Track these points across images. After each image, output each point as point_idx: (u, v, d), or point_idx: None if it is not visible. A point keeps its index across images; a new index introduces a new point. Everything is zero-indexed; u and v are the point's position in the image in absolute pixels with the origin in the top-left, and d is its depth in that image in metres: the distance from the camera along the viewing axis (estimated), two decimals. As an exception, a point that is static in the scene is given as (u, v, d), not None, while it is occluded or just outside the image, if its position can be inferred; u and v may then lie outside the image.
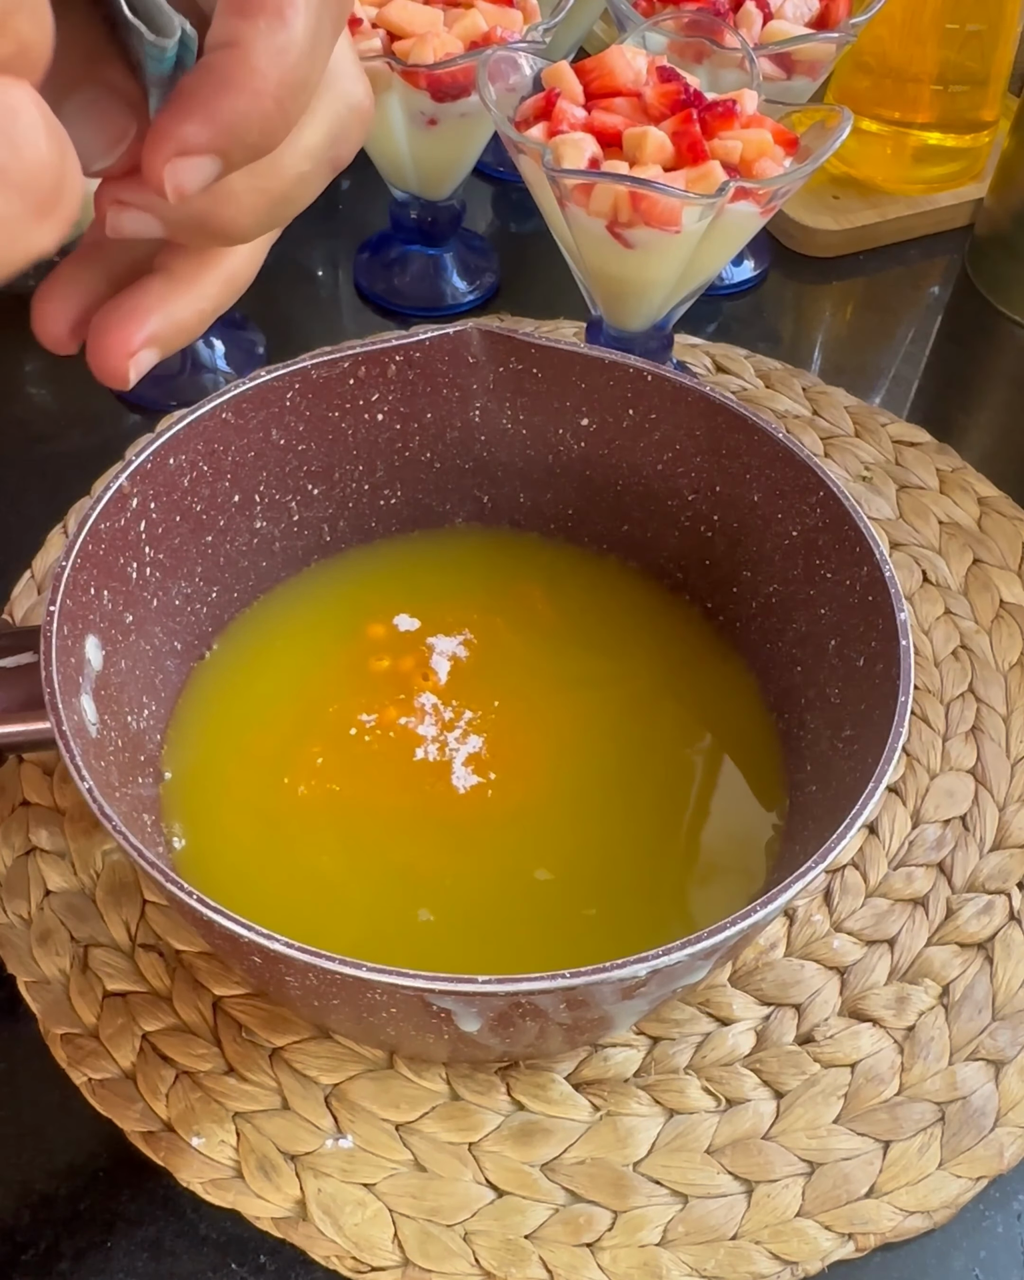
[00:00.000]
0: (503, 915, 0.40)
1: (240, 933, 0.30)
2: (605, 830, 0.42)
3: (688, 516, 0.45)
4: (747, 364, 0.61)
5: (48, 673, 0.34)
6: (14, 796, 0.45)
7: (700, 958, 0.31)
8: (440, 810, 0.41)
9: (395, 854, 0.41)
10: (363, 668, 0.45)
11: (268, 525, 0.45)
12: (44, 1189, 0.38)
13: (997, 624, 0.51)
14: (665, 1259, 0.36)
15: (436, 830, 0.41)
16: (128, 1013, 0.40)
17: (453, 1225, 0.37)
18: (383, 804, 0.42)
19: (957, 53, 0.65)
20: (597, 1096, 0.39)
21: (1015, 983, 0.42)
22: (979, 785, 0.47)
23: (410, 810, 0.41)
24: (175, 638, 0.43)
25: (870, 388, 0.63)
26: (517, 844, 0.41)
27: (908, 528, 0.55)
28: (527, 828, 0.41)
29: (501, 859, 0.41)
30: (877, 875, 0.44)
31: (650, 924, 0.40)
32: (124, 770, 0.38)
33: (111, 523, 0.39)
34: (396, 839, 0.41)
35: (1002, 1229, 0.38)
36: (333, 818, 0.41)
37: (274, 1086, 0.39)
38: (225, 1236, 0.37)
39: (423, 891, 0.40)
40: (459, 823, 0.41)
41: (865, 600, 0.38)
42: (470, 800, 0.41)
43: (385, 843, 0.41)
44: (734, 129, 0.47)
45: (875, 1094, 0.40)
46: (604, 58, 0.48)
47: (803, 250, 0.69)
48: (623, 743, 0.44)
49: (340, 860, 0.41)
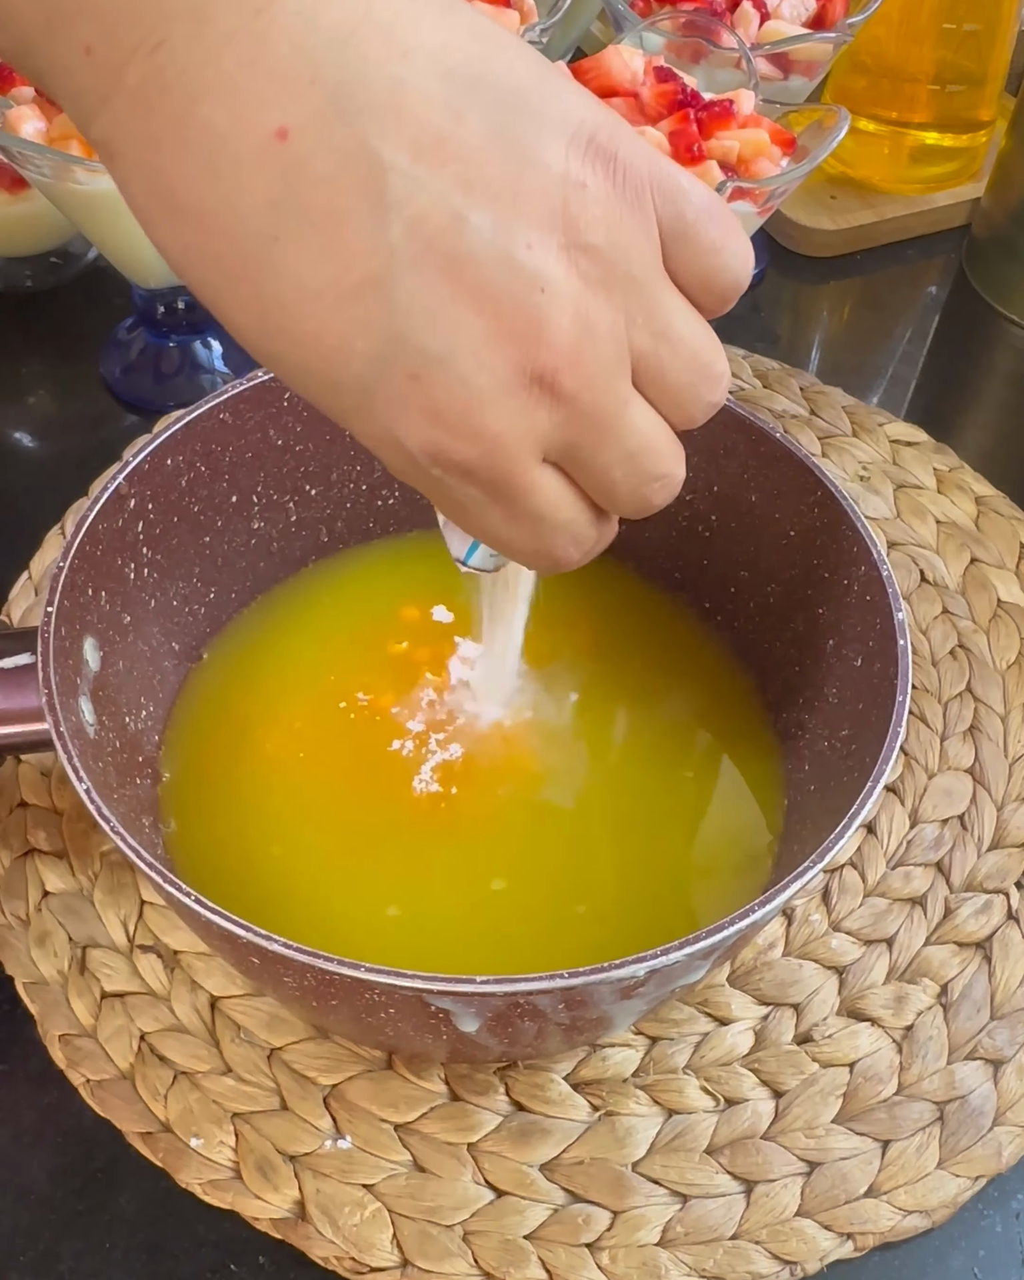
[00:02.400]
0: (504, 914, 0.40)
1: (239, 933, 0.30)
2: (604, 830, 0.42)
3: (686, 516, 0.45)
4: (744, 364, 0.61)
5: (46, 674, 0.34)
6: (12, 797, 0.45)
7: (699, 958, 0.31)
8: (440, 814, 0.41)
9: (381, 854, 0.41)
10: (361, 668, 0.45)
11: (265, 526, 0.45)
12: (43, 1190, 0.38)
13: (994, 623, 0.51)
14: (664, 1259, 0.36)
15: (429, 830, 0.41)
16: (126, 1013, 0.40)
17: (452, 1225, 0.37)
18: (381, 804, 0.41)
19: (954, 52, 0.65)
20: (595, 1096, 0.39)
21: (1013, 982, 0.42)
22: (977, 784, 0.47)
23: (407, 812, 0.41)
24: (173, 638, 0.43)
25: (868, 387, 0.63)
26: (517, 843, 0.41)
27: (905, 527, 0.55)
28: (525, 827, 0.41)
29: (503, 858, 0.41)
30: (875, 875, 0.44)
31: (649, 924, 0.40)
32: (122, 771, 0.38)
33: (109, 523, 0.38)
34: (387, 839, 0.41)
35: (1000, 1228, 0.38)
36: (330, 817, 0.41)
37: (272, 1087, 0.39)
38: (224, 1237, 0.37)
39: (424, 889, 0.40)
40: (455, 823, 0.41)
41: (863, 600, 0.38)
42: (470, 799, 0.41)
43: (372, 844, 0.41)
44: (731, 129, 0.47)
45: (874, 1093, 0.40)
46: (601, 58, 0.48)
47: (800, 250, 0.69)
48: (622, 742, 0.44)
49: (333, 863, 0.41)
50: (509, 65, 0.25)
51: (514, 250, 0.24)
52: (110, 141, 0.25)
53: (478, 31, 0.25)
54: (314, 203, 0.24)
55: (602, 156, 0.25)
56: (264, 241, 0.24)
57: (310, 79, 0.23)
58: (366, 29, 0.24)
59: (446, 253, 0.24)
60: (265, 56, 0.23)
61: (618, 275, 0.26)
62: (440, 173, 0.24)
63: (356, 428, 0.27)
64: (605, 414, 0.27)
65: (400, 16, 0.24)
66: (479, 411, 0.25)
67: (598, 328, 0.26)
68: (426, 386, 0.25)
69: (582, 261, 0.25)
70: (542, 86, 0.25)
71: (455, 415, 0.25)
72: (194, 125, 0.24)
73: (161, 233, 0.25)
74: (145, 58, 0.23)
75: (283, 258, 0.24)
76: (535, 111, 0.25)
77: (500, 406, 0.25)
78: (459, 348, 0.25)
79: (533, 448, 0.26)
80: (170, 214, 0.25)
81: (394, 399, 0.25)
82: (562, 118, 0.25)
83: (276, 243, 0.24)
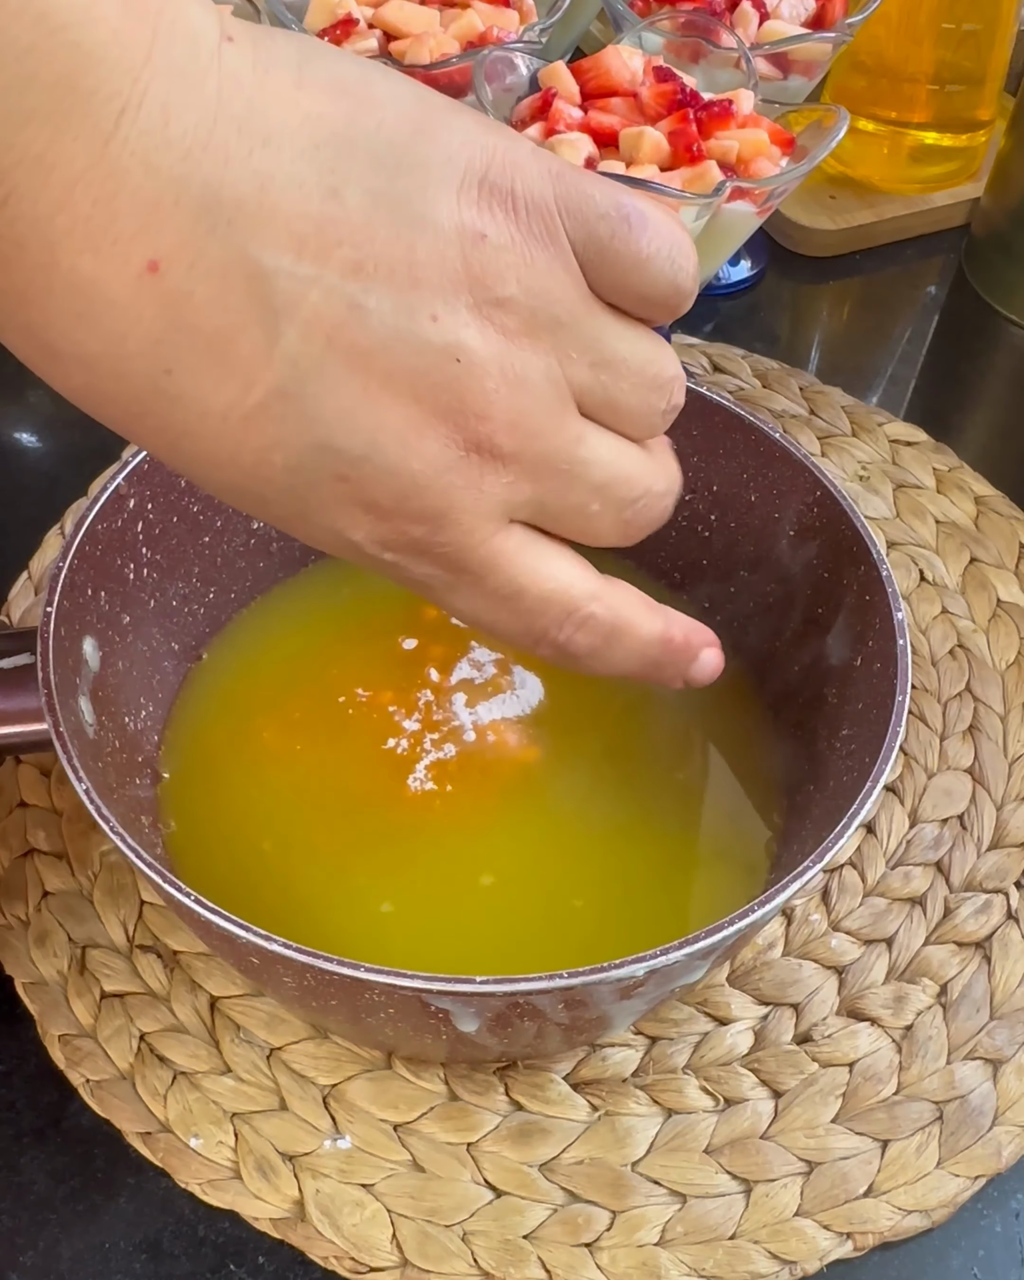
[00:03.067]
0: (503, 915, 0.40)
1: (238, 933, 0.30)
2: (602, 828, 0.42)
3: (685, 516, 0.45)
4: (744, 364, 0.61)
5: (45, 674, 0.34)
6: (11, 798, 0.45)
7: (698, 957, 0.31)
8: (435, 811, 0.41)
9: (376, 851, 0.41)
10: (361, 667, 0.45)
11: (266, 525, 0.45)
12: (42, 1190, 0.38)
13: (994, 623, 0.51)
14: (664, 1259, 0.36)
15: (424, 827, 0.41)
16: (125, 1014, 0.40)
17: (451, 1225, 0.37)
18: (378, 802, 0.41)
19: (953, 52, 0.65)
20: (595, 1096, 0.39)
21: (1013, 981, 0.42)
22: (977, 784, 0.47)
23: (402, 809, 0.41)
24: (173, 638, 0.43)
25: (867, 387, 0.63)
26: (512, 841, 0.41)
27: (905, 527, 0.55)
28: (521, 825, 0.41)
29: (498, 855, 0.41)
30: (874, 874, 0.44)
31: (647, 923, 0.40)
32: (121, 771, 0.38)
33: (109, 523, 0.38)
34: (383, 835, 0.41)
35: (1000, 1228, 0.38)
36: (328, 816, 0.41)
37: (272, 1087, 0.39)
38: (223, 1237, 0.37)
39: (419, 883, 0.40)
40: (451, 820, 0.41)
41: (862, 599, 0.38)
42: (466, 797, 0.41)
43: (367, 841, 0.41)
44: (730, 129, 0.47)
45: (874, 1093, 0.40)
46: (600, 58, 0.48)
47: (800, 250, 0.69)
48: (620, 742, 0.44)
49: (329, 860, 0.41)
50: (379, 121, 0.23)
51: (419, 327, 0.23)
52: None
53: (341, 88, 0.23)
54: (200, 328, 0.22)
55: (497, 196, 0.24)
56: (156, 376, 0.23)
57: (174, 200, 0.22)
58: (221, 128, 0.22)
59: (349, 347, 0.23)
60: (121, 189, 0.21)
61: (541, 320, 0.24)
62: (327, 262, 0.23)
63: (297, 533, 0.26)
64: (559, 458, 0.25)
65: (252, 102, 0.22)
66: (417, 495, 0.24)
67: (528, 379, 0.24)
68: (358, 484, 0.24)
69: (497, 317, 0.24)
70: (419, 135, 0.24)
71: (393, 503, 0.24)
72: (58, 275, 0.22)
73: (50, 378, 0.24)
74: None
75: (180, 388, 0.23)
76: (417, 166, 0.23)
77: (440, 485, 0.24)
78: (383, 440, 0.24)
79: (489, 515, 0.25)
80: (52, 361, 0.23)
81: (328, 501, 0.25)
82: (446, 164, 0.23)
83: (170, 375, 0.23)
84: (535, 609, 0.27)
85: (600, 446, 0.26)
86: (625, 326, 0.26)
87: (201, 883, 0.31)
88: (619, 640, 0.29)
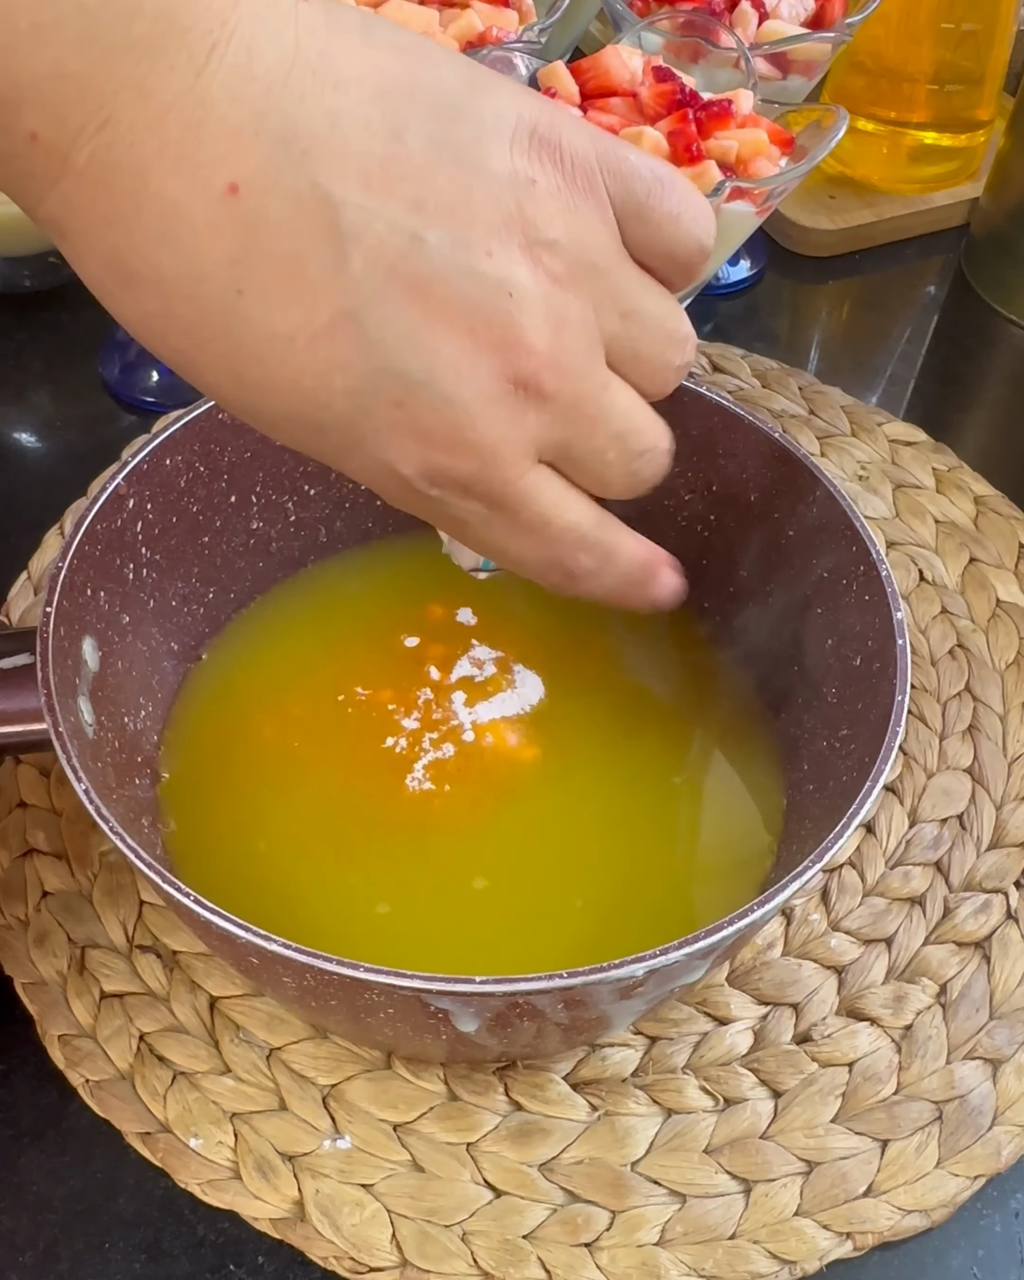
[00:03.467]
0: (502, 915, 0.40)
1: (237, 933, 0.30)
2: (602, 828, 0.42)
3: (685, 516, 0.45)
4: (743, 364, 0.61)
5: (45, 674, 0.34)
6: (11, 798, 0.45)
7: (698, 957, 0.31)
8: (433, 811, 0.41)
9: (373, 851, 0.41)
10: (359, 668, 0.45)
11: (264, 526, 0.45)
12: (42, 1190, 0.38)
13: (993, 623, 0.51)
14: (663, 1259, 0.36)
15: (422, 827, 0.41)
16: (125, 1014, 0.40)
17: (451, 1225, 0.37)
18: (376, 801, 0.41)
19: (952, 52, 0.65)
20: (594, 1096, 0.39)
21: (1013, 981, 0.42)
22: (976, 784, 0.47)
23: (400, 809, 0.41)
24: (172, 638, 0.43)
25: (867, 387, 0.63)
26: (510, 841, 0.41)
27: (904, 527, 0.55)
28: (520, 825, 0.41)
29: (496, 856, 0.41)
30: (874, 874, 0.44)
31: (647, 922, 0.40)
32: (121, 771, 0.38)
33: (108, 524, 0.38)
34: (380, 836, 0.41)
35: (999, 1228, 0.38)
36: (326, 815, 0.41)
37: (271, 1087, 0.39)
38: (223, 1237, 0.37)
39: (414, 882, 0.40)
40: (448, 820, 0.41)
41: (862, 599, 0.38)
42: (464, 797, 0.41)
43: (364, 841, 0.41)
44: (730, 129, 0.47)
45: (873, 1093, 0.40)
46: (600, 57, 0.48)
47: (799, 250, 0.69)
48: (620, 741, 0.44)
49: (326, 860, 0.41)
50: (438, 76, 0.25)
51: (475, 261, 0.25)
52: (60, 220, 0.24)
53: (402, 48, 0.25)
54: (273, 250, 0.24)
55: (546, 149, 0.25)
56: (228, 297, 0.24)
57: (255, 130, 0.24)
58: (298, 70, 0.24)
59: (410, 276, 0.24)
60: (208, 117, 0.23)
61: (581, 266, 0.26)
62: (391, 197, 0.24)
63: (349, 465, 0.27)
64: (589, 403, 0.27)
65: (327, 50, 0.24)
66: (469, 426, 0.26)
67: (570, 321, 0.26)
68: (413, 411, 0.25)
69: (544, 258, 0.25)
70: (474, 90, 0.26)
71: (446, 434, 0.26)
72: (147, 197, 0.24)
73: (121, 305, 0.25)
74: (91, 137, 0.23)
75: (250, 309, 0.24)
76: (472, 116, 0.25)
77: (489, 417, 0.26)
78: (439, 367, 0.25)
79: (526, 452, 0.27)
80: (128, 286, 0.25)
81: (382, 429, 0.26)
82: (499, 117, 0.25)
83: (241, 296, 0.24)
84: (556, 538, 0.29)
85: (622, 396, 0.28)
86: (650, 283, 0.28)
87: (201, 883, 0.31)
88: (613, 561, 0.30)
